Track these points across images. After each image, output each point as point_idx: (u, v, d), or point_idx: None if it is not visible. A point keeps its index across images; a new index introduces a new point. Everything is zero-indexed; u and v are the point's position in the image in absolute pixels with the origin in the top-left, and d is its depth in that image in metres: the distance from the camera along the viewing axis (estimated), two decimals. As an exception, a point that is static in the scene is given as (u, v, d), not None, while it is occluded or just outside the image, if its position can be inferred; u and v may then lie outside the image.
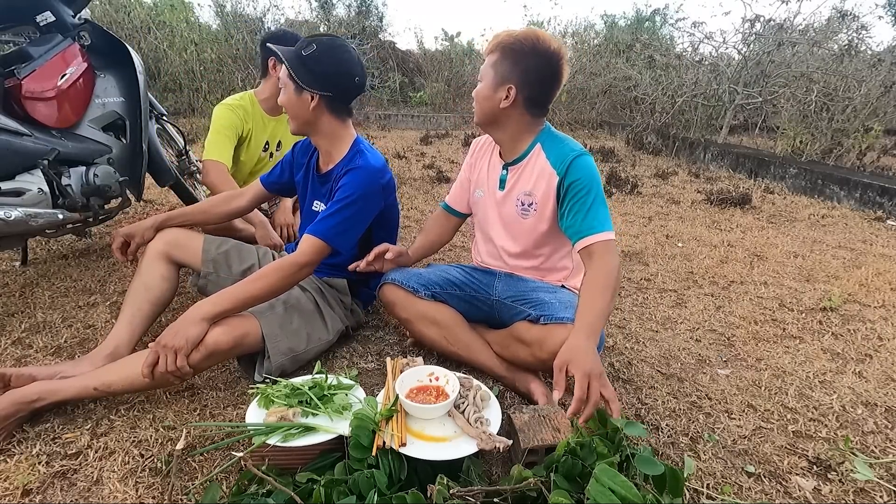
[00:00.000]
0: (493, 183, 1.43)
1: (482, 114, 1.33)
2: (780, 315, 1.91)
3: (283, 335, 1.31)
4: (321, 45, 1.33)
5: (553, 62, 1.26)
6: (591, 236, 1.22)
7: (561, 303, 1.28)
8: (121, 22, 6.43)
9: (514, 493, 0.88)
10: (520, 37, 1.26)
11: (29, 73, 1.71)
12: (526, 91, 1.27)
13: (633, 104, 6.89)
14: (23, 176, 1.63)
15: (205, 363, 1.20)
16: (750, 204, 3.55)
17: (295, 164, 1.60)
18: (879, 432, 1.27)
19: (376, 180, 1.40)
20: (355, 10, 9.36)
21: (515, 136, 1.35)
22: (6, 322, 1.63)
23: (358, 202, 1.35)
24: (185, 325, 1.16)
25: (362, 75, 1.40)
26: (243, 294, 1.25)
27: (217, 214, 1.62)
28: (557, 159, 1.30)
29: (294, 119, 1.40)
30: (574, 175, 1.26)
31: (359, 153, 1.42)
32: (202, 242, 1.52)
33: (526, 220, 1.37)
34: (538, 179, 1.33)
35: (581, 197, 1.26)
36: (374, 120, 7.77)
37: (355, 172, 1.37)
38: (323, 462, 1.00)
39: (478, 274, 1.51)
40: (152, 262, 1.46)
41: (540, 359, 1.24)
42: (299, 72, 1.33)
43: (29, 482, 1.00)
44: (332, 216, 1.34)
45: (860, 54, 5.79)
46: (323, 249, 1.33)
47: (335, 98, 1.38)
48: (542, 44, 1.25)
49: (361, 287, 1.61)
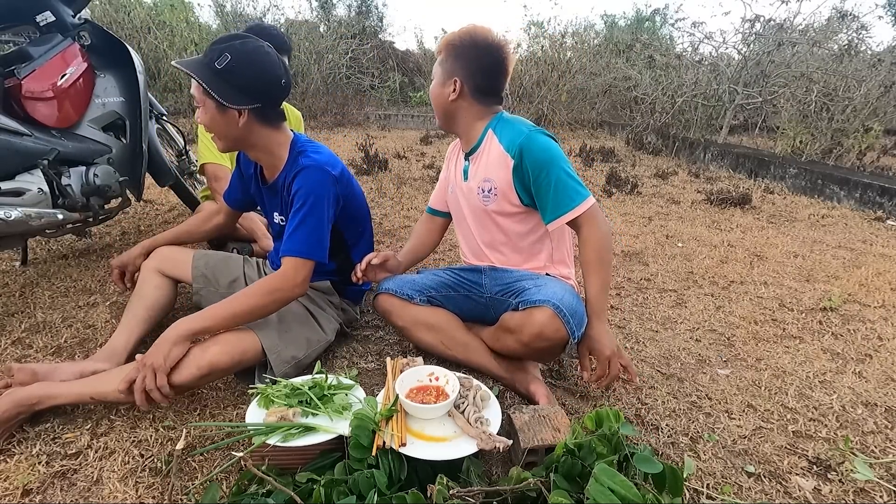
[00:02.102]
0: (458, 176, 1.47)
1: (437, 111, 1.41)
2: (780, 315, 1.91)
3: (284, 345, 1.30)
4: (236, 53, 1.20)
5: (493, 51, 1.32)
6: (569, 213, 1.28)
7: (538, 287, 1.28)
8: (121, 22, 6.44)
9: (513, 494, 0.88)
10: (460, 33, 1.34)
11: (29, 73, 1.71)
12: (470, 81, 1.33)
13: (633, 104, 6.89)
14: (23, 176, 1.63)
15: (202, 382, 1.20)
16: (750, 204, 3.55)
17: (244, 176, 1.53)
18: (879, 432, 1.27)
19: (327, 174, 1.31)
20: (355, 10, 9.37)
21: (468, 127, 1.40)
22: (6, 322, 1.63)
23: (317, 204, 1.29)
24: (164, 344, 1.13)
25: (287, 75, 1.30)
26: (228, 312, 1.21)
27: (201, 233, 1.67)
28: (509, 143, 1.32)
29: (223, 139, 1.31)
30: (528, 157, 1.28)
31: (300, 154, 1.34)
32: (191, 258, 1.54)
33: (488, 205, 1.38)
34: (495, 165, 1.35)
35: (543, 177, 1.28)
36: (374, 120, 7.77)
37: (303, 174, 1.29)
38: (323, 462, 1.00)
39: (466, 273, 1.52)
40: (146, 276, 1.51)
41: (523, 343, 1.24)
42: (218, 88, 1.19)
43: (29, 482, 1.00)
44: (299, 229, 1.28)
45: (860, 54, 5.79)
46: (305, 266, 1.28)
47: (265, 107, 1.28)
48: (480, 36, 1.33)
49: (346, 286, 1.59)
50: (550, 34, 8.39)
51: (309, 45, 7.53)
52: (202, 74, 1.20)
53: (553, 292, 1.22)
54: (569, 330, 1.19)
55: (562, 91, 7.13)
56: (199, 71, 1.20)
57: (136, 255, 1.56)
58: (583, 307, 1.27)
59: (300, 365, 1.34)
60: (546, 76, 7.16)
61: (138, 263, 1.55)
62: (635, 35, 8.79)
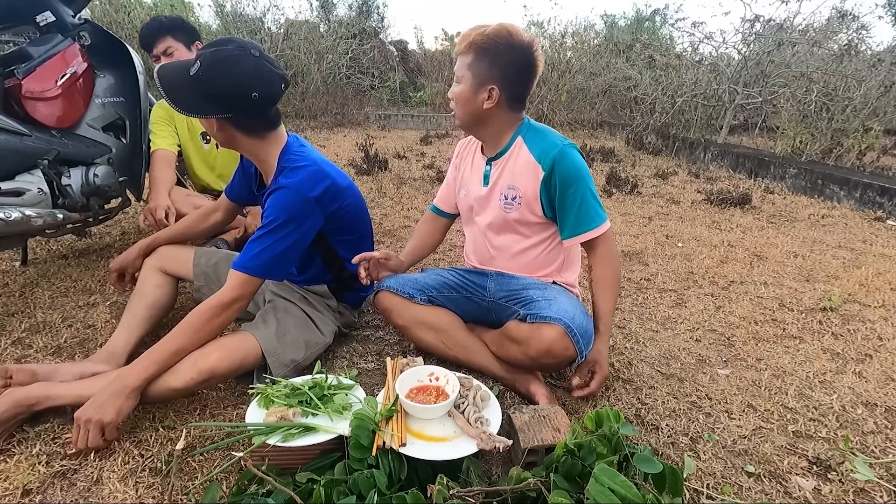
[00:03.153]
0: (476, 179, 1.43)
1: (465, 116, 1.32)
2: (780, 315, 1.91)
3: (283, 348, 1.30)
4: (205, 62, 1.15)
5: (529, 55, 1.25)
6: (588, 233, 1.31)
7: (547, 300, 1.28)
8: (121, 22, 6.44)
9: (513, 494, 0.88)
10: (492, 35, 1.23)
11: (29, 73, 1.71)
12: (507, 90, 1.27)
13: (633, 104, 6.89)
14: (23, 176, 1.64)
15: (201, 387, 1.21)
16: (750, 204, 3.55)
17: (247, 174, 1.51)
18: (879, 432, 1.27)
19: (303, 196, 1.25)
20: (356, 10, 9.37)
21: (497, 133, 1.35)
22: (6, 322, 1.63)
23: (286, 226, 1.23)
24: (113, 396, 1.07)
25: (262, 86, 1.18)
26: (172, 350, 1.15)
27: (198, 232, 1.66)
28: (541, 153, 1.29)
29: (214, 138, 1.33)
30: (559, 170, 1.26)
31: (283, 169, 1.29)
32: (193, 256, 1.54)
33: (510, 213, 1.36)
34: (522, 173, 1.32)
35: (570, 193, 1.27)
36: (374, 120, 7.77)
37: (278, 194, 1.25)
38: (323, 462, 1.00)
39: (470, 276, 1.51)
40: (146, 275, 1.51)
41: (529, 356, 1.24)
42: (180, 96, 1.17)
43: (29, 482, 1.00)
44: (263, 250, 1.23)
45: (860, 54, 5.79)
46: (250, 283, 1.23)
47: (239, 117, 1.23)
48: (516, 39, 1.23)
49: (344, 291, 1.57)
50: (550, 34, 8.41)
51: (309, 45, 7.53)
52: (171, 79, 1.18)
53: (565, 310, 1.22)
54: (577, 350, 1.19)
55: (562, 91, 7.13)
56: (169, 75, 1.19)
57: (135, 257, 1.56)
58: (592, 326, 1.27)
59: (299, 367, 1.34)
60: (546, 76, 7.16)
61: (137, 264, 1.55)
62: (635, 35, 8.79)
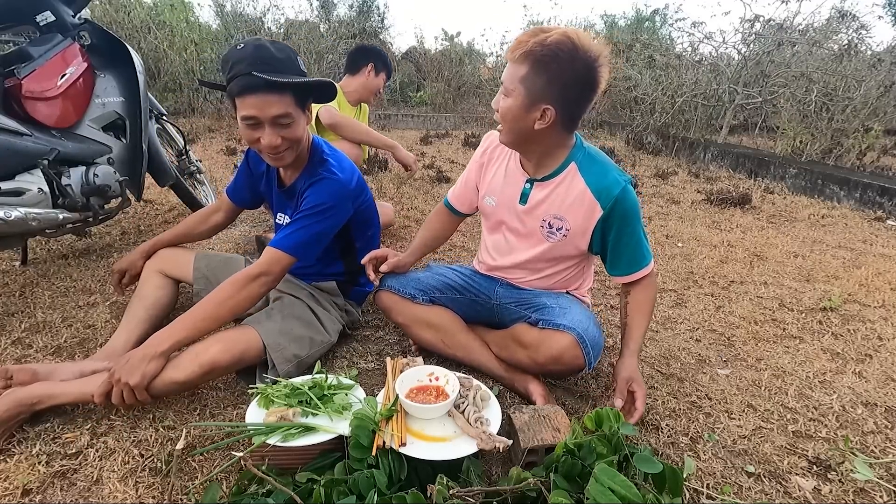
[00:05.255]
0: (511, 194, 1.32)
1: (513, 134, 1.18)
2: (780, 315, 1.91)
3: (286, 342, 1.30)
4: None
5: (593, 70, 1.08)
6: (640, 271, 1.29)
7: (561, 308, 1.27)
8: (121, 22, 6.42)
9: (513, 494, 0.88)
10: (554, 46, 1.05)
11: (29, 73, 1.71)
12: (565, 111, 1.12)
13: (633, 104, 6.88)
14: (23, 176, 1.63)
15: (203, 380, 1.21)
16: (750, 204, 3.55)
17: (254, 175, 1.53)
18: (879, 432, 1.27)
19: (346, 187, 1.34)
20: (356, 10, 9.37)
21: (547, 154, 1.24)
22: (6, 322, 1.63)
23: (327, 214, 1.31)
24: (141, 361, 1.11)
25: (227, 65, 1.19)
26: (200, 318, 1.20)
27: (200, 233, 1.67)
28: (600, 188, 1.20)
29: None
30: (620, 210, 1.20)
31: (322, 163, 1.35)
32: (192, 259, 1.55)
33: (551, 242, 1.29)
34: (574, 205, 1.23)
35: (627, 233, 1.24)
36: (374, 120, 7.76)
37: (325, 183, 1.31)
38: (323, 462, 1.00)
39: (478, 278, 1.50)
40: (147, 277, 1.53)
41: (537, 362, 1.24)
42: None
43: (29, 482, 1.00)
44: (300, 230, 1.29)
45: (860, 54, 5.78)
46: (281, 261, 1.28)
47: None
48: (582, 53, 1.05)
49: (351, 287, 1.61)
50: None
51: (309, 45, 7.52)
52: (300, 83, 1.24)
53: (578, 320, 1.21)
54: (587, 361, 1.19)
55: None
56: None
57: (137, 260, 1.57)
58: (602, 338, 1.26)
59: (302, 364, 1.33)
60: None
61: (139, 267, 1.56)
62: (635, 35, 8.78)
